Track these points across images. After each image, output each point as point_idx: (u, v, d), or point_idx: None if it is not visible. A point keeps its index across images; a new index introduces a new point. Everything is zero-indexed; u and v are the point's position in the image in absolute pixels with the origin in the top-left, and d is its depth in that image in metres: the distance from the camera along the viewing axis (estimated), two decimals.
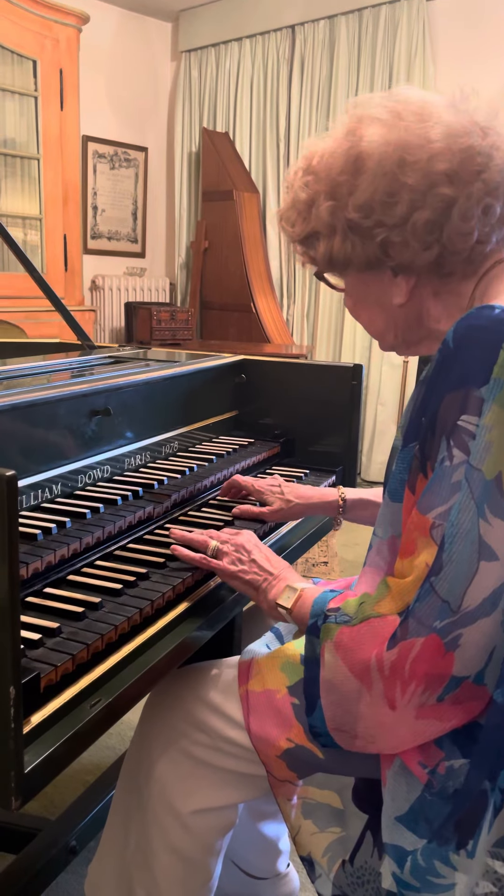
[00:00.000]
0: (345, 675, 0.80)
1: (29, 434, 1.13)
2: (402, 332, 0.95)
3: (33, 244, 3.88)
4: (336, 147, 0.88)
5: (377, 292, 0.93)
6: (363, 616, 0.81)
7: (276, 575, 1.00)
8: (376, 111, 0.87)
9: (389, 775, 0.85)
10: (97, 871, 1.15)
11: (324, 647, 0.83)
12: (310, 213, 0.91)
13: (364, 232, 0.86)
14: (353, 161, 0.86)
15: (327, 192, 0.88)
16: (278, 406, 1.72)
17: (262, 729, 0.97)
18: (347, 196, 0.86)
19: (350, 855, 0.92)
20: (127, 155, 5.05)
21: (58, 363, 1.59)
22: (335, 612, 0.85)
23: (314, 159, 0.91)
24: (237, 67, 4.79)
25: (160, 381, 1.44)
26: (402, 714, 0.77)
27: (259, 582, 1.00)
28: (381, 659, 0.77)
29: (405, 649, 0.76)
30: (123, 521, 1.12)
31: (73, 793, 1.62)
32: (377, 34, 4.16)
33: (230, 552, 1.04)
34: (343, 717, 0.82)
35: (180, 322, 4.63)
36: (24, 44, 3.63)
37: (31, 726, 0.71)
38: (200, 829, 1.05)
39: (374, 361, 4.44)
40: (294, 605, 0.95)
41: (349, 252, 0.89)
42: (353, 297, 0.97)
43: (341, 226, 0.88)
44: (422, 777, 0.83)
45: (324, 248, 0.91)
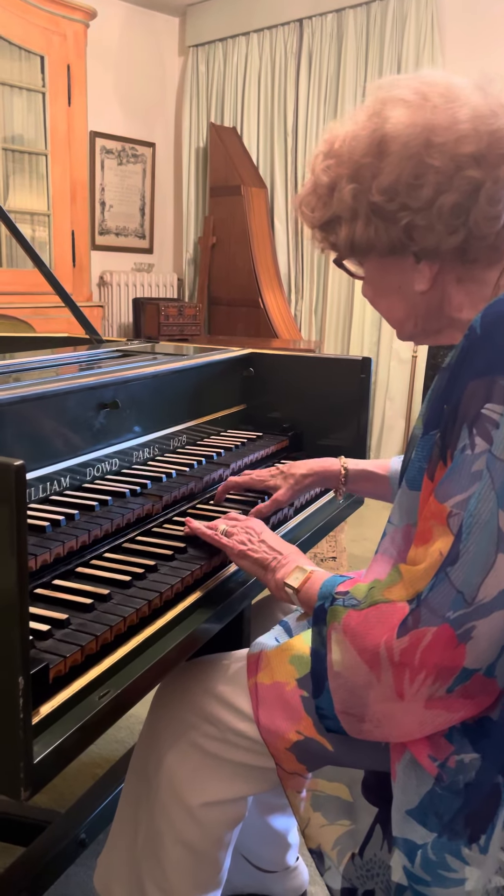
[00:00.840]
0: (353, 660, 0.80)
1: (37, 427, 1.13)
2: (423, 321, 0.93)
3: (41, 240, 3.88)
4: (359, 129, 0.86)
5: (398, 279, 0.91)
6: (372, 601, 0.80)
7: (285, 555, 1.01)
8: (401, 93, 0.85)
9: (399, 768, 0.85)
10: (106, 864, 1.15)
11: (331, 630, 0.83)
12: (331, 197, 0.89)
13: (388, 215, 0.84)
14: (377, 143, 0.84)
15: (350, 175, 0.86)
16: (286, 400, 1.72)
17: (272, 721, 0.97)
18: (371, 179, 0.84)
19: (360, 848, 0.92)
20: (135, 150, 5.05)
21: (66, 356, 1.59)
22: (344, 595, 0.85)
23: (336, 143, 0.89)
24: (245, 62, 4.78)
25: (168, 374, 1.44)
26: (410, 703, 0.77)
27: (268, 561, 1.01)
28: (390, 646, 0.76)
29: (416, 638, 0.75)
30: (132, 514, 1.12)
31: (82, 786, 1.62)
32: (385, 27, 4.14)
33: (239, 532, 1.05)
34: (351, 701, 0.82)
35: (188, 317, 4.62)
36: (32, 39, 3.63)
37: (41, 717, 0.71)
38: (209, 821, 1.05)
39: (382, 356, 4.43)
40: (302, 585, 0.95)
41: (372, 237, 0.87)
42: (373, 285, 0.95)
43: (364, 209, 0.86)
44: (432, 770, 0.82)
45: (346, 233, 0.89)
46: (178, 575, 0.98)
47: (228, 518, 1.12)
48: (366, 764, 0.94)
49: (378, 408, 4.48)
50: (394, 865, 0.86)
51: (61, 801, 1.67)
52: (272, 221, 4.77)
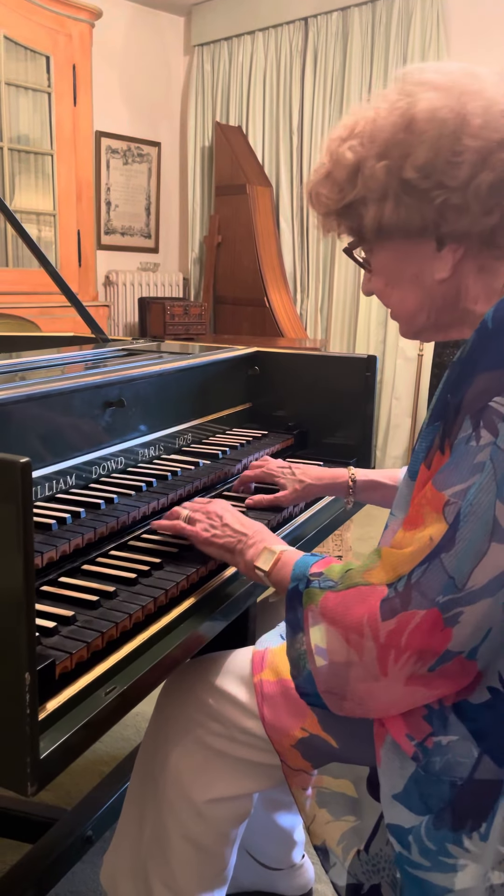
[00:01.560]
0: (334, 640, 0.80)
1: (43, 425, 1.13)
2: (437, 313, 0.91)
3: (47, 240, 3.89)
4: (384, 112, 0.84)
5: (416, 267, 0.88)
6: (351, 583, 0.81)
7: (251, 535, 1.00)
8: (430, 77, 0.84)
9: (383, 753, 0.85)
10: (113, 861, 1.16)
11: (307, 612, 0.84)
12: (355, 178, 0.86)
13: (420, 194, 0.82)
14: (407, 123, 0.82)
15: (379, 153, 0.84)
16: (292, 398, 1.72)
17: (277, 718, 0.97)
18: (403, 157, 0.82)
19: (365, 844, 0.92)
20: (140, 150, 5.05)
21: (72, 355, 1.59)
22: (318, 576, 0.85)
23: (358, 125, 0.87)
24: (250, 61, 4.78)
25: (174, 372, 1.44)
26: (391, 681, 0.77)
27: (233, 544, 1.00)
28: (376, 627, 0.76)
29: (404, 620, 0.75)
30: (137, 512, 1.12)
31: (88, 783, 1.63)
32: (391, 25, 4.14)
33: (202, 519, 1.04)
34: (333, 681, 0.82)
35: (194, 317, 4.63)
36: (37, 40, 3.64)
37: (47, 713, 0.71)
38: (215, 818, 1.05)
39: (388, 355, 4.42)
40: (272, 567, 0.94)
41: (403, 216, 0.84)
42: (386, 274, 0.92)
43: (395, 188, 0.83)
44: (409, 750, 0.83)
45: (373, 214, 0.86)
46: (183, 572, 0.98)
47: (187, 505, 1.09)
48: (371, 760, 0.94)
49: (384, 406, 4.48)
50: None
51: (68, 798, 1.67)
52: (278, 220, 4.77)
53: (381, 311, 4.47)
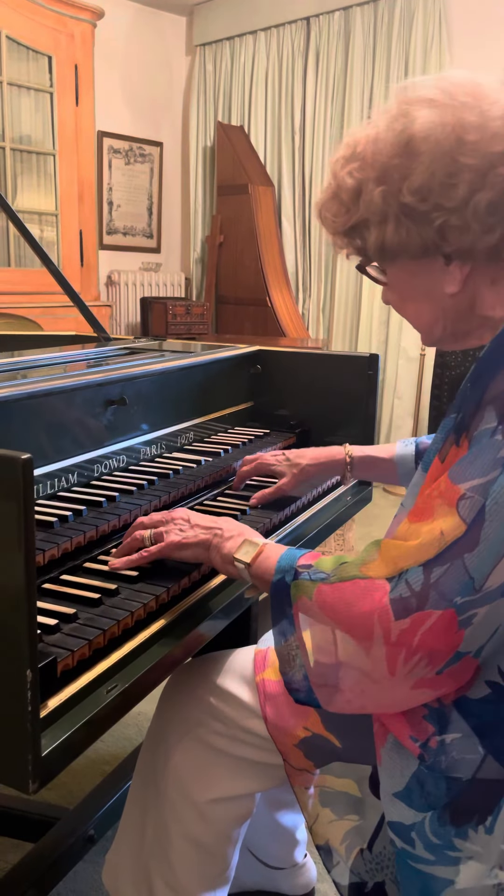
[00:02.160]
0: (333, 635, 0.78)
1: (45, 423, 1.13)
2: (452, 323, 0.91)
3: (49, 240, 3.89)
4: (384, 131, 0.84)
5: (427, 283, 0.88)
6: (346, 576, 0.79)
7: (225, 528, 0.96)
8: (427, 92, 0.83)
9: (384, 753, 0.85)
10: (114, 861, 1.16)
11: (297, 605, 0.82)
12: (357, 201, 0.86)
13: (420, 217, 0.82)
14: (404, 144, 0.82)
15: (378, 178, 0.84)
16: (294, 397, 1.71)
17: (279, 718, 0.97)
18: (401, 180, 0.82)
19: (368, 842, 0.92)
20: (142, 150, 5.05)
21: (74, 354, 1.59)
22: (307, 568, 0.83)
23: (359, 146, 0.87)
24: (252, 61, 4.78)
25: (176, 371, 1.44)
26: (397, 681, 0.76)
27: (208, 540, 0.96)
28: (387, 626, 0.74)
29: (419, 620, 0.73)
30: (139, 510, 1.12)
31: (90, 782, 1.63)
32: (392, 25, 4.13)
33: (168, 528, 0.98)
34: (328, 674, 0.80)
35: (196, 316, 4.63)
36: (39, 39, 3.64)
37: (48, 710, 0.71)
38: (217, 818, 1.05)
39: (390, 355, 4.42)
40: (254, 559, 0.91)
41: (404, 239, 0.84)
42: (399, 290, 0.92)
43: (395, 211, 0.83)
44: (414, 751, 0.82)
45: (375, 237, 0.86)
46: (185, 570, 0.98)
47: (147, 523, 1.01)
48: (373, 759, 0.94)
49: (386, 406, 4.47)
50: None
51: (70, 797, 1.67)
52: (279, 220, 4.77)
53: (382, 311, 4.46)
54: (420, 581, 0.74)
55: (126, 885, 1.12)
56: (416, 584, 0.74)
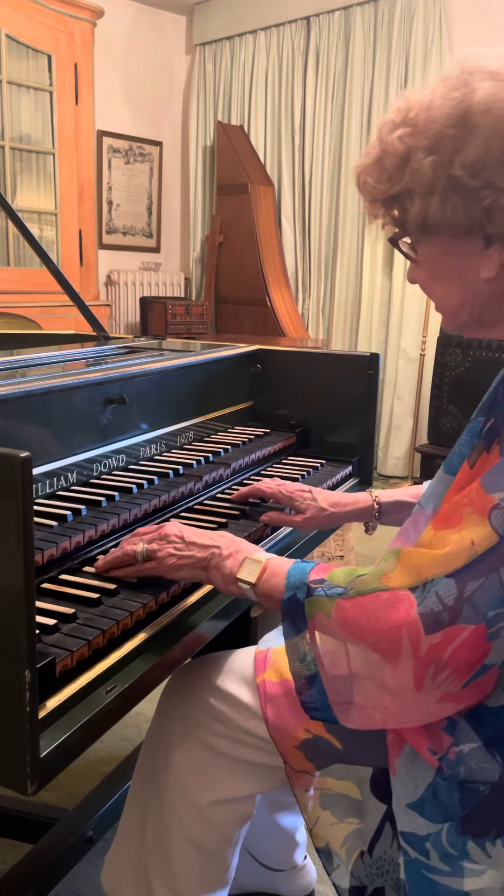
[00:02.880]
0: (355, 651, 0.75)
1: (44, 422, 1.13)
2: (480, 310, 0.87)
3: (49, 239, 3.88)
4: (441, 99, 0.79)
5: (462, 264, 0.84)
6: (365, 588, 0.76)
7: (224, 546, 0.91)
8: (490, 64, 0.79)
9: (399, 763, 0.83)
10: (114, 862, 1.15)
11: (313, 622, 0.78)
12: (403, 168, 0.81)
13: (469, 193, 0.78)
14: (461, 115, 0.77)
15: (429, 147, 0.79)
16: (294, 396, 1.71)
17: (280, 719, 0.96)
18: (453, 152, 0.78)
19: (368, 846, 0.91)
20: (142, 149, 5.05)
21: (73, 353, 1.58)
22: (320, 583, 0.80)
23: (412, 111, 0.82)
24: (252, 60, 4.77)
25: (175, 370, 1.43)
26: (424, 696, 0.74)
27: (206, 560, 0.90)
28: (416, 640, 0.71)
29: (451, 634, 0.71)
30: (139, 509, 1.11)
31: (90, 783, 1.62)
32: (393, 25, 4.13)
33: (161, 546, 0.93)
34: (348, 691, 0.77)
35: (195, 316, 4.62)
36: (39, 38, 3.63)
37: (47, 711, 0.71)
38: (218, 819, 1.04)
39: (390, 355, 4.42)
40: (259, 578, 0.86)
41: (448, 214, 0.80)
42: (430, 268, 0.88)
43: (442, 184, 0.79)
44: (433, 763, 0.81)
45: (418, 209, 0.82)
46: None
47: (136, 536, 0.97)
48: (375, 761, 0.94)
49: (386, 407, 4.47)
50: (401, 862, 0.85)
51: (69, 798, 1.66)
52: (279, 220, 4.77)
53: (382, 311, 4.46)
54: (453, 595, 0.71)
55: (125, 887, 1.11)
56: (448, 598, 0.71)
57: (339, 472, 1.54)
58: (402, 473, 4.46)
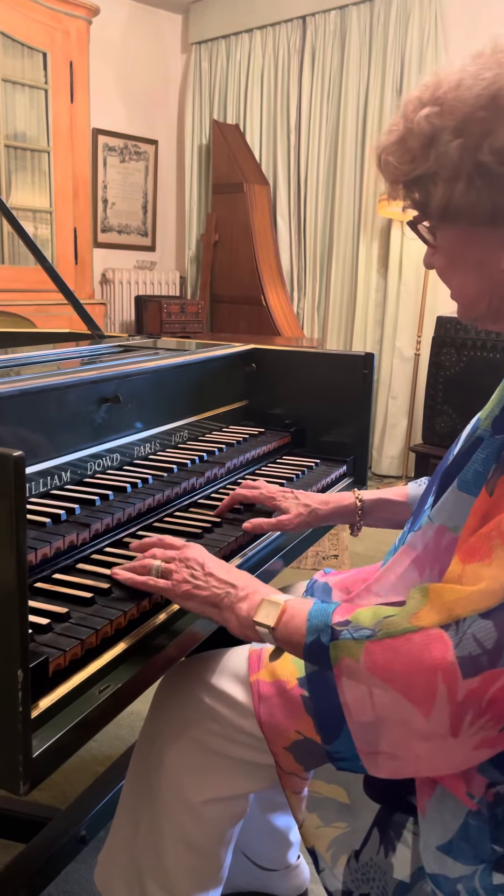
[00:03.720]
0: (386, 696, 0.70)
1: (38, 421, 1.12)
2: (499, 301, 0.83)
3: (43, 237, 3.87)
4: (472, 78, 0.75)
5: (483, 253, 0.80)
6: (395, 630, 0.71)
7: (241, 587, 0.87)
8: None
9: (430, 805, 0.80)
10: (107, 861, 1.15)
11: (339, 667, 0.73)
12: (428, 150, 0.77)
13: (496, 180, 0.74)
14: (492, 97, 0.73)
15: (456, 128, 0.75)
16: (289, 396, 1.71)
17: (272, 719, 0.96)
18: (482, 136, 0.73)
19: (355, 851, 0.90)
20: (137, 148, 5.04)
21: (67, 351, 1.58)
22: (345, 625, 0.75)
23: (440, 88, 0.77)
24: (248, 59, 4.77)
25: (170, 369, 1.43)
26: (460, 742, 0.69)
27: (220, 597, 0.86)
28: (453, 685, 0.67)
29: (491, 678, 0.67)
30: (133, 509, 1.11)
31: (83, 782, 1.61)
32: (389, 24, 4.13)
33: (178, 569, 0.88)
34: (379, 741, 0.73)
35: (190, 315, 4.62)
36: (34, 36, 3.62)
37: (40, 711, 0.70)
38: (211, 818, 1.04)
39: (385, 355, 4.42)
40: (278, 621, 0.81)
41: (473, 201, 0.76)
42: (449, 256, 0.84)
43: (468, 169, 0.75)
44: (471, 806, 0.78)
45: (442, 194, 0.78)
46: None
47: (162, 544, 0.95)
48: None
49: (380, 406, 4.47)
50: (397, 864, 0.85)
51: (62, 797, 1.66)
52: (275, 219, 4.76)
53: (377, 311, 4.46)
54: (492, 637, 0.67)
55: (118, 886, 1.11)
56: (487, 641, 0.67)
57: (333, 471, 1.54)
58: (397, 473, 4.46)
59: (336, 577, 1.22)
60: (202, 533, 1.11)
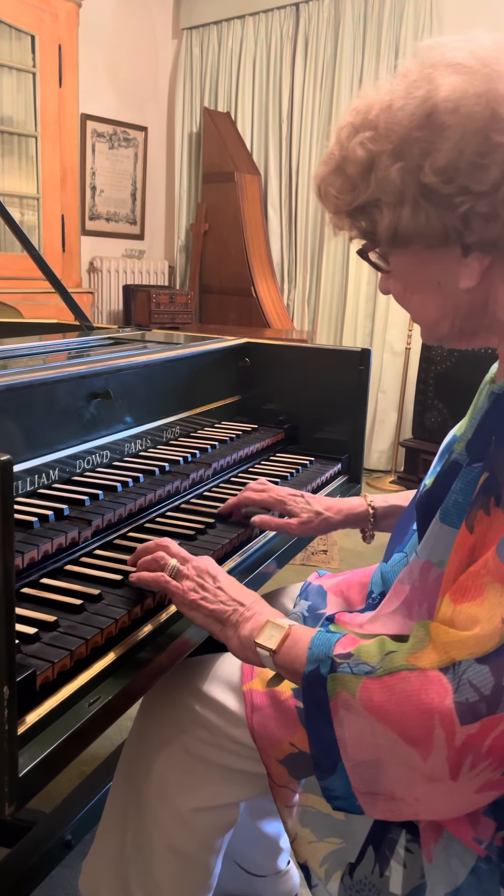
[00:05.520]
0: (381, 736, 0.68)
1: (25, 417, 1.08)
2: (462, 321, 0.80)
3: (30, 224, 3.81)
4: (402, 97, 0.72)
5: (439, 274, 0.78)
6: (394, 667, 0.69)
7: (248, 606, 0.84)
8: (454, 56, 0.71)
9: (437, 850, 0.78)
10: (93, 867, 1.12)
11: (336, 701, 0.71)
12: (368, 177, 0.74)
13: (443, 200, 0.72)
14: (427, 114, 0.70)
15: (394, 152, 0.72)
16: (283, 391, 1.68)
17: (265, 730, 0.93)
18: (422, 157, 0.71)
19: (349, 868, 0.88)
20: (126, 134, 4.96)
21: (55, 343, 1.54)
22: (346, 658, 0.72)
23: (371, 112, 0.75)
24: (240, 46, 4.70)
25: (162, 363, 1.39)
26: (460, 786, 0.67)
27: (227, 613, 0.84)
28: (451, 730, 0.65)
29: (490, 724, 0.64)
30: (124, 509, 1.07)
31: (69, 784, 1.58)
32: (383, 13, 4.08)
33: (191, 575, 0.87)
34: (377, 780, 0.71)
35: (179, 305, 4.57)
36: (23, 18, 3.54)
37: (27, 727, 0.67)
38: (200, 827, 1.02)
39: (375, 348, 4.39)
40: (280, 645, 0.79)
41: (421, 224, 0.73)
42: (405, 279, 0.81)
43: (413, 193, 0.72)
44: (480, 852, 0.76)
45: (389, 220, 0.75)
46: None
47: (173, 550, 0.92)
48: None
49: (371, 400, 4.42)
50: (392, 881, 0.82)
51: (47, 799, 1.63)
52: (266, 209, 4.71)
53: (368, 304, 4.43)
54: (489, 683, 0.65)
55: (104, 893, 1.09)
56: (484, 687, 0.65)
57: (327, 469, 1.51)
58: (386, 467, 4.45)
59: (331, 580, 1.20)
60: (195, 535, 1.08)
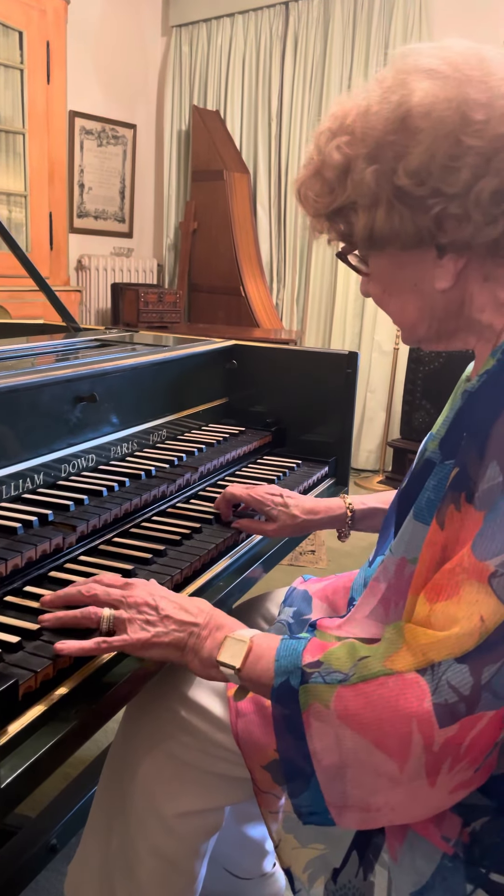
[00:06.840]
0: (356, 745, 0.67)
1: (9, 421, 1.08)
2: (439, 323, 0.82)
3: (18, 222, 3.78)
4: (378, 103, 0.74)
5: (415, 275, 0.79)
6: (370, 673, 0.68)
7: (203, 624, 0.81)
8: (428, 62, 0.73)
9: (402, 851, 0.78)
10: (78, 872, 1.12)
11: (308, 713, 0.69)
12: (345, 180, 0.77)
13: (416, 202, 0.73)
14: (401, 119, 0.72)
15: (369, 155, 0.74)
16: (270, 393, 1.68)
17: (250, 736, 0.93)
18: (396, 160, 0.73)
19: (332, 873, 0.88)
20: (115, 132, 4.94)
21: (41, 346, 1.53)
22: (316, 667, 0.71)
23: (348, 117, 0.77)
24: (229, 44, 4.69)
25: (148, 366, 1.39)
26: (436, 790, 0.67)
27: (183, 640, 0.81)
28: (429, 735, 0.64)
29: (468, 725, 0.64)
30: (109, 514, 1.07)
31: (54, 787, 1.58)
32: (373, 12, 4.08)
33: (132, 616, 0.81)
34: (349, 793, 0.70)
35: (168, 304, 4.55)
36: (10, 14, 3.52)
37: (8, 737, 0.67)
38: (186, 832, 1.02)
39: (364, 348, 4.40)
40: (244, 662, 0.76)
41: (396, 226, 0.75)
42: (383, 282, 0.83)
43: (387, 195, 0.74)
44: (448, 850, 0.76)
45: (364, 222, 0.77)
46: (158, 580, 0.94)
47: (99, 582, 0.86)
48: None
49: (359, 399, 4.45)
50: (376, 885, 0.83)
51: (32, 803, 1.62)
52: (255, 208, 4.71)
53: (357, 304, 4.44)
54: (468, 683, 0.64)
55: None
56: (463, 688, 0.64)
57: (315, 472, 1.51)
58: (374, 467, 4.46)
59: (316, 584, 1.20)
60: (182, 540, 1.08)
